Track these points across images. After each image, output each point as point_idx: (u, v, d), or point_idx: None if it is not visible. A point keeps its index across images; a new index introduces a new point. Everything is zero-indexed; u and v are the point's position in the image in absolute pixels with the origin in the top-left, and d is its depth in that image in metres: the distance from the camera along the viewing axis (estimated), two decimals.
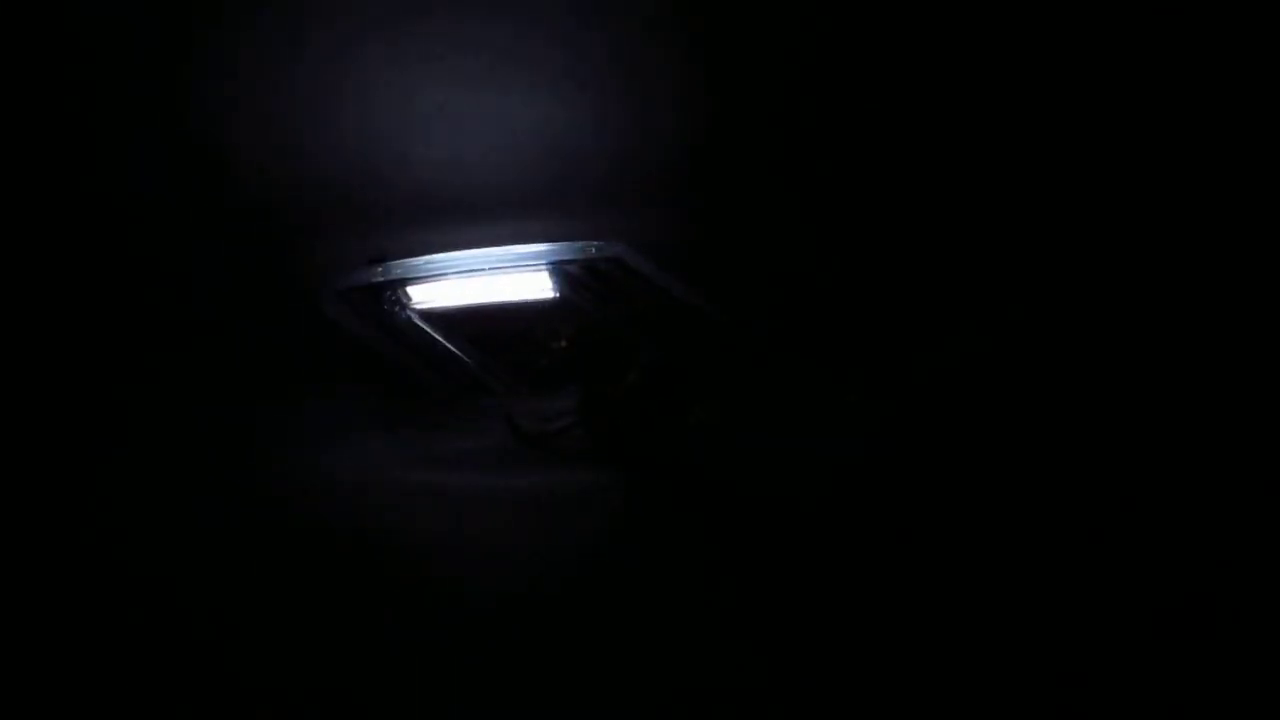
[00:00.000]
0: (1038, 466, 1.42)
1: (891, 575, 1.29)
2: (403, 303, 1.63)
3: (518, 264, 1.61)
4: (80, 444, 1.56)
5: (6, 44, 1.58)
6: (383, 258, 1.59)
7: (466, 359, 1.67)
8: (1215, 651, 1.15)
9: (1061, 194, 1.57)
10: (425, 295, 1.64)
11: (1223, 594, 1.21)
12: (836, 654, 1.18)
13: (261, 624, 1.22)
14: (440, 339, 1.66)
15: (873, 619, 1.23)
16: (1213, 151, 1.53)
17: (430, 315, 1.65)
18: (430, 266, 1.60)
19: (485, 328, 1.68)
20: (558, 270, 1.61)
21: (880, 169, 1.57)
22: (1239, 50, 1.53)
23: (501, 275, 1.62)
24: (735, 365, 1.62)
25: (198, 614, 1.22)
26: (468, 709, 1.09)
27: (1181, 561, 1.25)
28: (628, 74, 1.57)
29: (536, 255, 1.61)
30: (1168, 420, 1.43)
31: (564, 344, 1.60)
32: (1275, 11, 1.52)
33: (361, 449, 1.59)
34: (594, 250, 1.59)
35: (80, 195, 1.68)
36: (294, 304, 1.61)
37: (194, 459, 1.54)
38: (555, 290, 1.62)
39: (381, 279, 1.59)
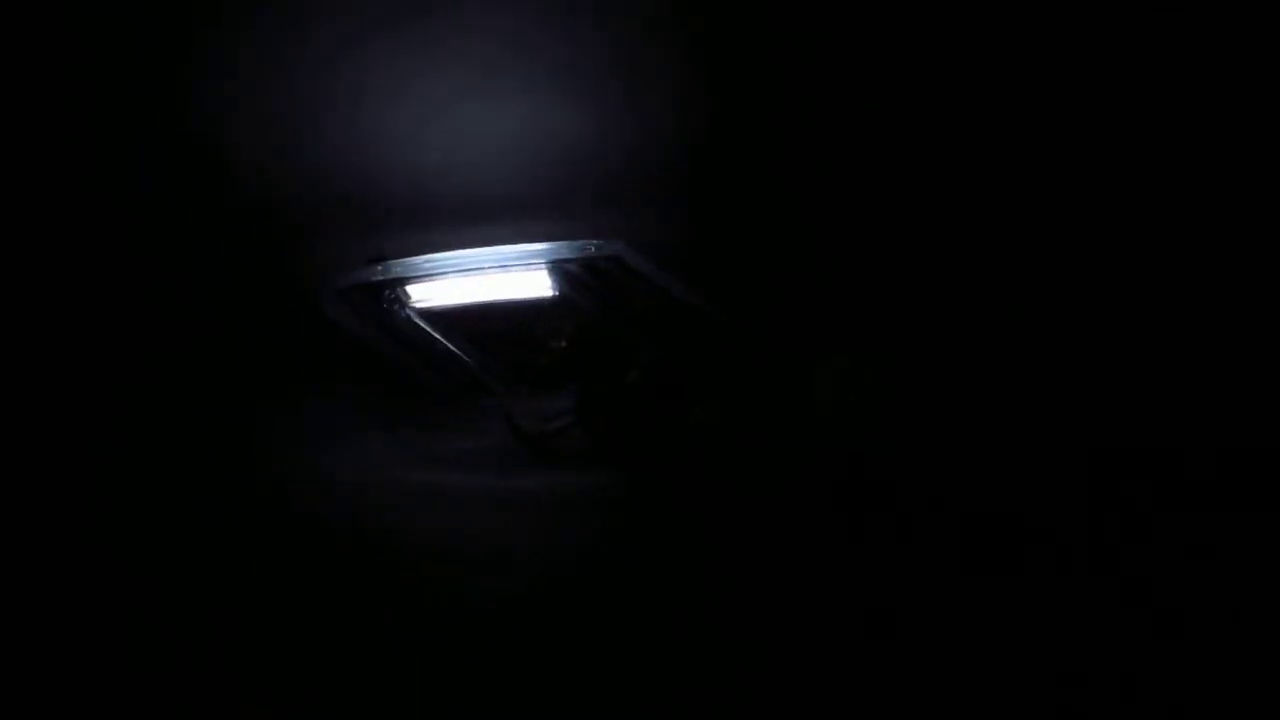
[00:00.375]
0: (1038, 465, 1.42)
1: (892, 574, 1.29)
2: (402, 301, 1.63)
3: (517, 263, 1.61)
4: (80, 444, 1.56)
5: (6, 44, 1.58)
6: (382, 257, 1.59)
7: (466, 358, 1.67)
8: (1213, 650, 1.15)
9: (1061, 193, 1.57)
10: (425, 294, 1.63)
11: (1219, 592, 1.21)
12: (836, 653, 1.18)
13: (261, 624, 1.22)
14: (440, 338, 1.66)
15: (873, 618, 1.23)
16: (1213, 153, 1.53)
17: (430, 314, 1.65)
18: (430, 265, 1.60)
19: (485, 327, 1.67)
20: (557, 269, 1.61)
21: (880, 169, 1.57)
22: (1239, 51, 1.53)
23: (501, 274, 1.61)
24: (735, 365, 1.62)
25: (197, 614, 1.22)
26: (468, 709, 1.09)
27: (1177, 563, 1.25)
28: (628, 74, 1.57)
29: (536, 254, 1.60)
30: (1165, 420, 1.43)
31: (564, 343, 1.61)
32: (1275, 11, 1.52)
33: (362, 449, 1.58)
34: (593, 249, 1.59)
35: (80, 195, 1.68)
36: (294, 304, 1.61)
37: (194, 459, 1.54)
38: (555, 289, 1.62)
39: (381, 278, 1.59)
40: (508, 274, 1.61)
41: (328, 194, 1.64)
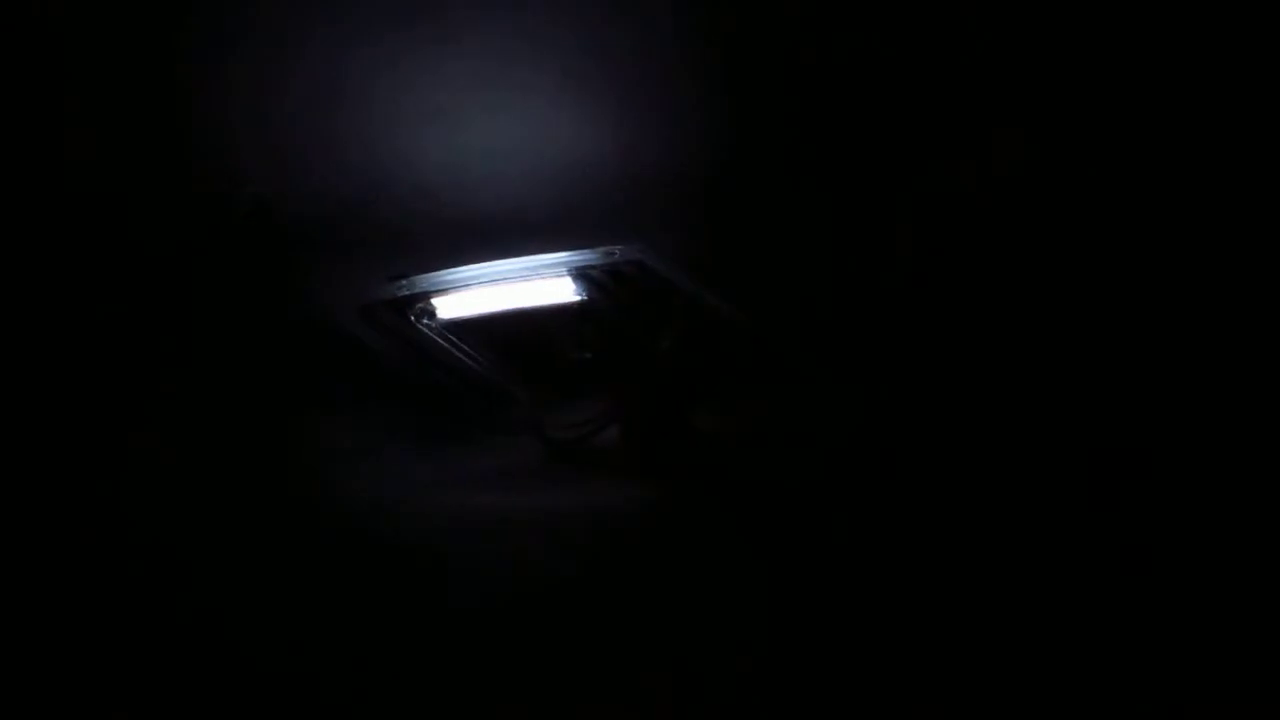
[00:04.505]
0: (1039, 464, 1.47)
1: (906, 577, 1.35)
2: (428, 315, 1.62)
3: (540, 271, 1.60)
4: (104, 459, 1.54)
5: (5, 43, 1.52)
6: (404, 273, 1.57)
7: (492, 369, 1.68)
8: (1210, 650, 1.22)
9: (1069, 200, 1.59)
10: (449, 307, 1.63)
11: (1215, 592, 1.28)
12: (856, 660, 1.24)
13: (290, 643, 1.24)
14: (466, 350, 1.66)
15: (886, 621, 1.29)
16: (1218, 158, 1.55)
17: (454, 327, 1.65)
18: (453, 278, 1.58)
19: (509, 337, 1.68)
20: (581, 275, 1.61)
21: (901, 178, 1.58)
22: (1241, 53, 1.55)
23: (524, 283, 1.60)
24: (760, 367, 1.65)
25: (222, 630, 1.24)
26: None
27: (1171, 566, 1.31)
28: (653, 83, 1.55)
29: (559, 261, 1.60)
30: (1161, 422, 1.48)
31: (589, 350, 1.62)
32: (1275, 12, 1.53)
33: (389, 465, 1.60)
34: (616, 254, 1.59)
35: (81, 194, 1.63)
36: (321, 321, 1.60)
37: (216, 474, 1.54)
38: (579, 296, 1.62)
39: (406, 293, 1.58)
40: (531, 283, 1.60)
41: (348, 210, 1.60)
